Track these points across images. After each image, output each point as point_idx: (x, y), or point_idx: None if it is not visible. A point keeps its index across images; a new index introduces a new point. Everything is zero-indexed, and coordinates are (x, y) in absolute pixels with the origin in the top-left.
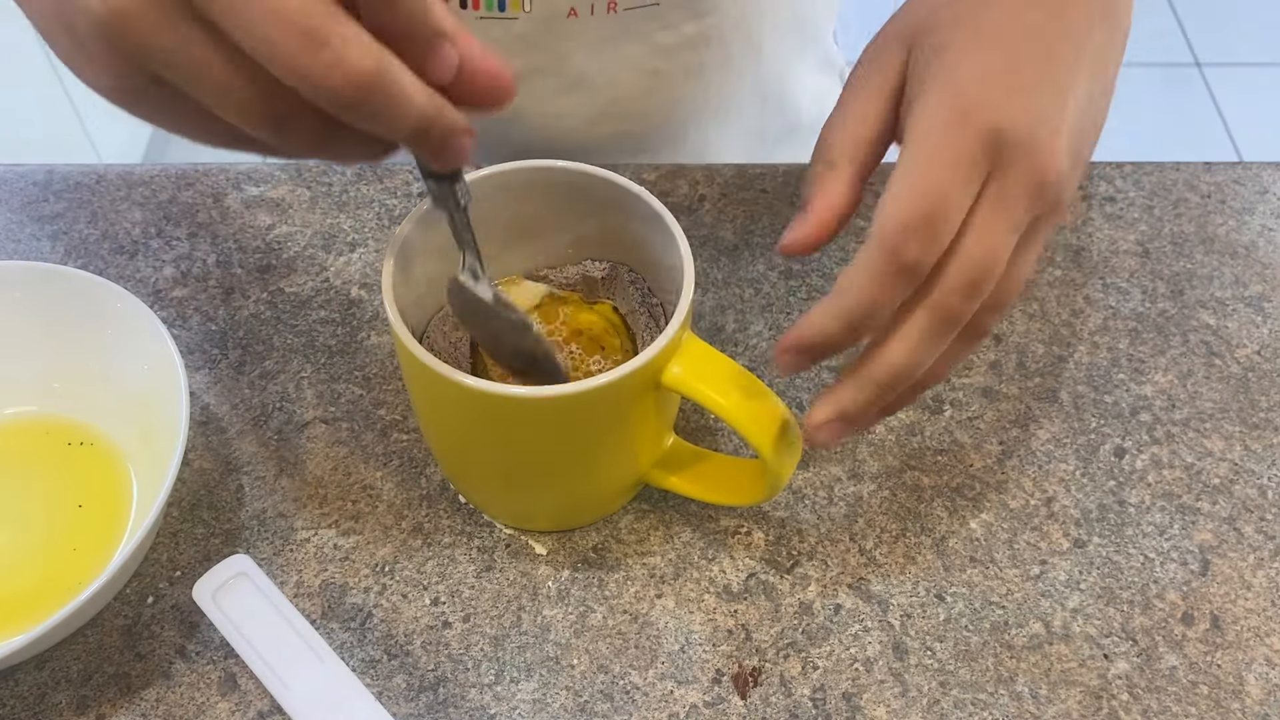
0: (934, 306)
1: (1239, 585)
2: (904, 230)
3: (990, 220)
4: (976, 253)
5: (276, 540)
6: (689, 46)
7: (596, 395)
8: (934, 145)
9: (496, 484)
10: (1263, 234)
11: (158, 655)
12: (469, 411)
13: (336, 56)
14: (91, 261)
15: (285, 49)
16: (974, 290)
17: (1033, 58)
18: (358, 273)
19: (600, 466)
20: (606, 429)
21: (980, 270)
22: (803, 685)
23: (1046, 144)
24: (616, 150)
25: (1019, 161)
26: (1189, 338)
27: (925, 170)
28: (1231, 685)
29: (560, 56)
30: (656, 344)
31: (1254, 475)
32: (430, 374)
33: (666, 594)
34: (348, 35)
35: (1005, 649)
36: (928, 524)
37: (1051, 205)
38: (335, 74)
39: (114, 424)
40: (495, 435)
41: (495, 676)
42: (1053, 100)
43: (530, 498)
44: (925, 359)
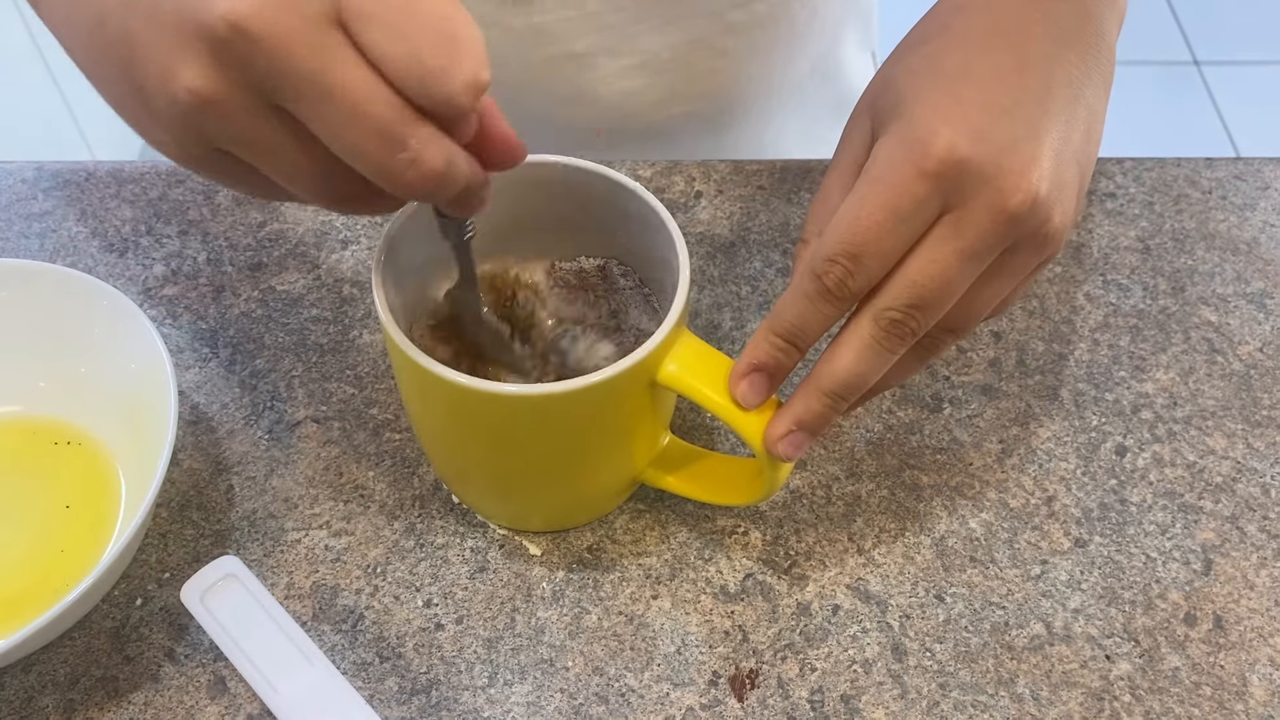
0: (874, 318)
1: (1242, 585)
2: (826, 260)
3: (939, 247)
4: (920, 276)
5: (267, 541)
6: (758, 24)
7: (590, 393)
8: (876, 181)
9: (490, 484)
10: (1264, 230)
11: (146, 658)
12: (461, 409)
13: (414, 157)
14: (80, 259)
15: (366, 149)
16: (917, 309)
17: (995, 92)
18: (350, 270)
19: (595, 465)
20: (601, 427)
21: (922, 291)
22: (801, 687)
23: (1014, 171)
24: (681, 131)
25: (979, 191)
26: (1190, 335)
27: (859, 205)
28: (1235, 686)
29: (631, 36)
30: (651, 341)
31: (1256, 473)
32: (422, 371)
33: (663, 595)
34: (423, 136)
35: (1006, 650)
36: (927, 523)
37: (1029, 234)
38: (412, 172)
39: (102, 423)
40: (488, 434)
41: (489, 679)
42: (1023, 129)
43: (524, 498)
44: (871, 369)
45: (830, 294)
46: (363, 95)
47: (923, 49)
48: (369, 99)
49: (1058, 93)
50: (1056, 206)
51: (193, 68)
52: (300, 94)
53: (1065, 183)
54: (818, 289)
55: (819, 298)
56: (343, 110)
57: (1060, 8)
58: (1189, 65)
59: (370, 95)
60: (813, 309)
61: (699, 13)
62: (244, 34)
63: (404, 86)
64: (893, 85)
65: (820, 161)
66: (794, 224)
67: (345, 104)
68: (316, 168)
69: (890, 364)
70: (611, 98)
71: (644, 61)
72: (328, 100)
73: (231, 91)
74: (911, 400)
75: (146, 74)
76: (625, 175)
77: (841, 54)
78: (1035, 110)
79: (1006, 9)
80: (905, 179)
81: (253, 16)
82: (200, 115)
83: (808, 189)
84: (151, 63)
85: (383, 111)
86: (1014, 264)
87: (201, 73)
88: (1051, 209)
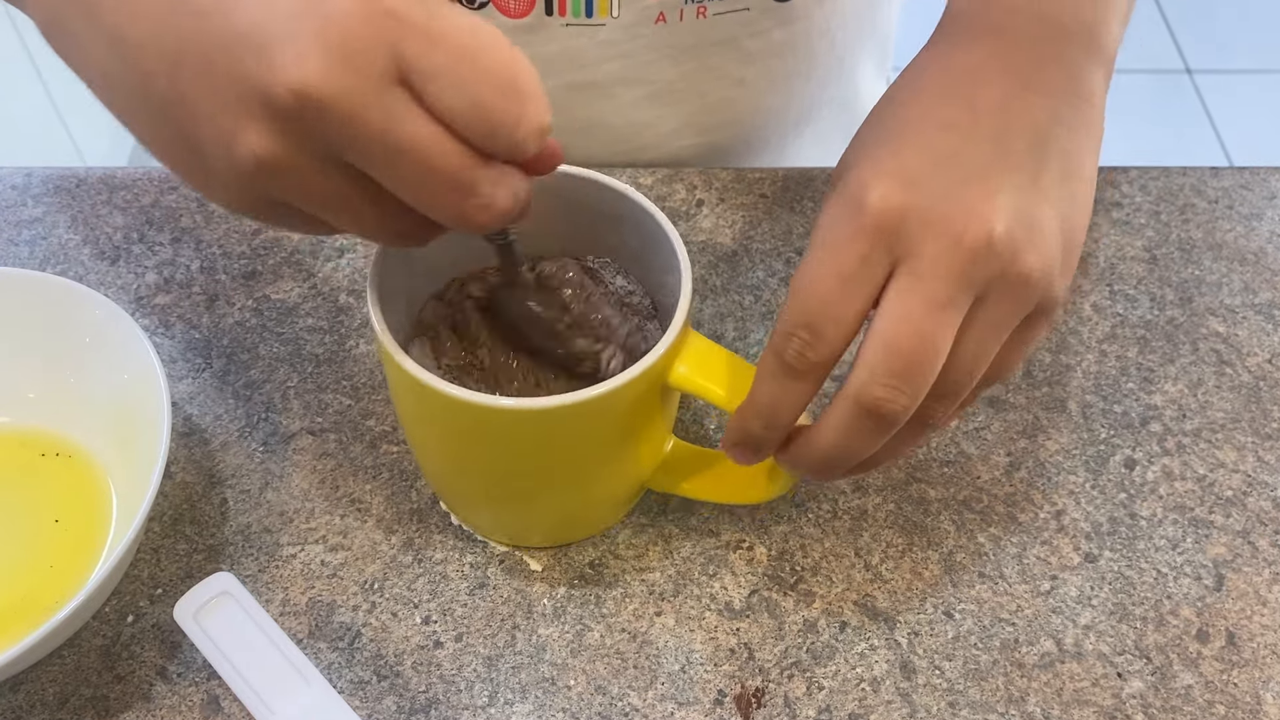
0: (855, 398)
1: (1254, 601)
2: (783, 335)
3: (901, 301)
4: (892, 337)
5: (262, 556)
6: (775, 53)
7: (599, 403)
8: (818, 247)
9: (492, 501)
10: (1271, 240)
11: (137, 677)
12: (461, 426)
13: (486, 200)
14: (71, 267)
15: (438, 200)
16: (896, 376)
17: (940, 141)
18: (346, 279)
19: (601, 476)
20: (608, 437)
21: (901, 356)
22: (808, 706)
23: (963, 210)
24: (697, 162)
25: (929, 235)
26: (1199, 346)
27: (806, 273)
28: (1249, 705)
29: (646, 64)
30: (661, 345)
31: (1267, 487)
32: (420, 387)
33: (666, 611)
34: (492, 178)
35: (1016, 668)
36: (934, 538)
37: (998, 276)
38: (483, 215)
39: (92, 435)
40: (491, 450)
41: (489, 698)
42: (972, 170)
43: (527, 513)
44: (857, 447)
45: (793, 370)
46: (432, 150)
47: (876, 116)
48: (438, 153)
49: (1017, 134)
50: (1028, 246)
51: (254, 132)
52: (369, 153)
53: (1036, 222)
54: (780, 366)
55: (784, 375)
56: (413, 167)
57: (1019, 56)
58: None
59: (439, 149)
60: (781, 387)
61: (714, 41)
62: (309, 101)
63: (471, 137)
64: (847, 152)
65: (823, 170)
66: (797, 232)
67: (415, 160)
68: (381, 214)
69: (878, 439)
70: (626, 128)
71: (659, 91)
72: (397, 158)
73: (296, 154)
74: None
75: (203, 136)
76: (621, 181)
77: (859, 82)
78: (988, 151)
79: (964, 63)
80: (843, 239)
81: (317, 83)
82: (264, 176)
83: (810, 197)
84: (209, 126)
85: (452, 162)
86: (993, 315)
87: (264, 136)
88: (1019, 248)
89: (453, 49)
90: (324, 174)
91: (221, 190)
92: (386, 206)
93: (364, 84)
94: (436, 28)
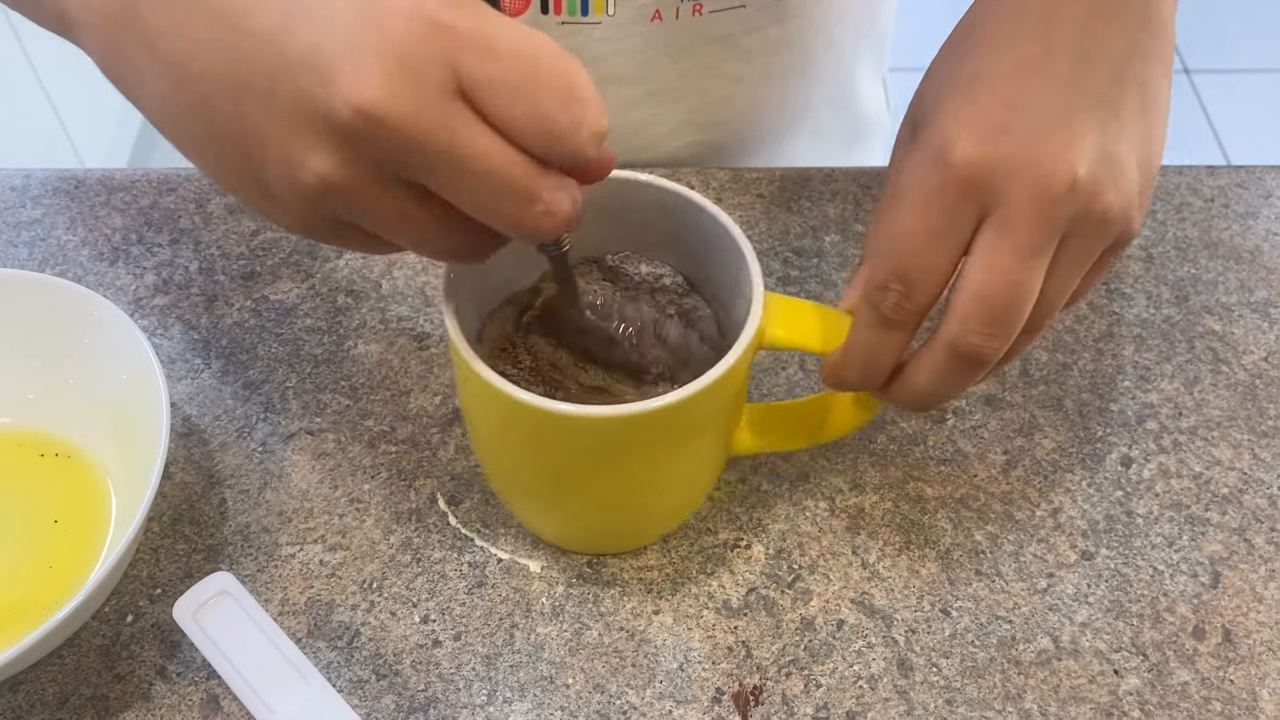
0: (951, 345)
1: (1250, 598)
2: (879, 288)
3: (992, 252)
4: (985, 288)
5: (261, 556)
6: (771, 51)
7: (721, 384)
8: (906, 198)
9: (588, 511)
10: (1267, 238)
11: (137, 676)
12: (564, 440)
13: (548, 207)
14: (70, 268)
15: (502, 210)
16: (990, 323)
17: (1018, 85)
18: (344, 280)
19: (696, 468)
20: (708, 424)
21: (994, 305)
22: (805, 704)
23: (1047, 156)
24: (694, 162)
25: (1015, 184)
26: (1195, 344)
27: (895, 225)
28: (1245, 701)
29: (643, 63)
30: (753, 314)
31: (1264, 485)
32: (511, 402)
33: (664, 610)
34: (552, 186)
35: (1013, 665)
36: (932, 536)
37: (1080, 216)
38: (546, 222)
39: (91, 436)
40: (591, 460)
41: (488, 697)
42: (1052, 115)
43: (621, 514)
44: (951, 387)
45: (890, 321)
46: (495, 161)
47: (951, 55)
48: (501, 163)
49: (1096, 70)
50: (1109, 184)
51: (318, 154)
52: (432, 168)
53: (1116, 159)
54: (877, 317)
55: (881, 326)
56: (476, 178)
57: None
58: (1179, 73)
59: (501, 159)
60: (878, 337)
61: (711, 38)
62: (372, 120)
63: (531, 145)
64: (922, 99)
65: (820, 170)
66: (793, 232)
67: (478, 172)
68: (443, 230)
69: (970, 378)
70: (623, 127)
71: (656, 89)
72: (461, 171)
73: (360, 173)
74: None
75: (266, 161)
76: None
77: (856, 82)
78: (1068, 92)
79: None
80: (932, 193)
81: (380, 101)
82: (327, 198)
83: (807, 197)
84: (272, 150)
85: (514, 171)
86: (1074, 252)
87: (327, 158)
88: (1101, 186)
89: (509, 59)
90: (387, 192)
91: (285, 213)
92: (449, 221)
93: (425, 99)
94: (491, 38)
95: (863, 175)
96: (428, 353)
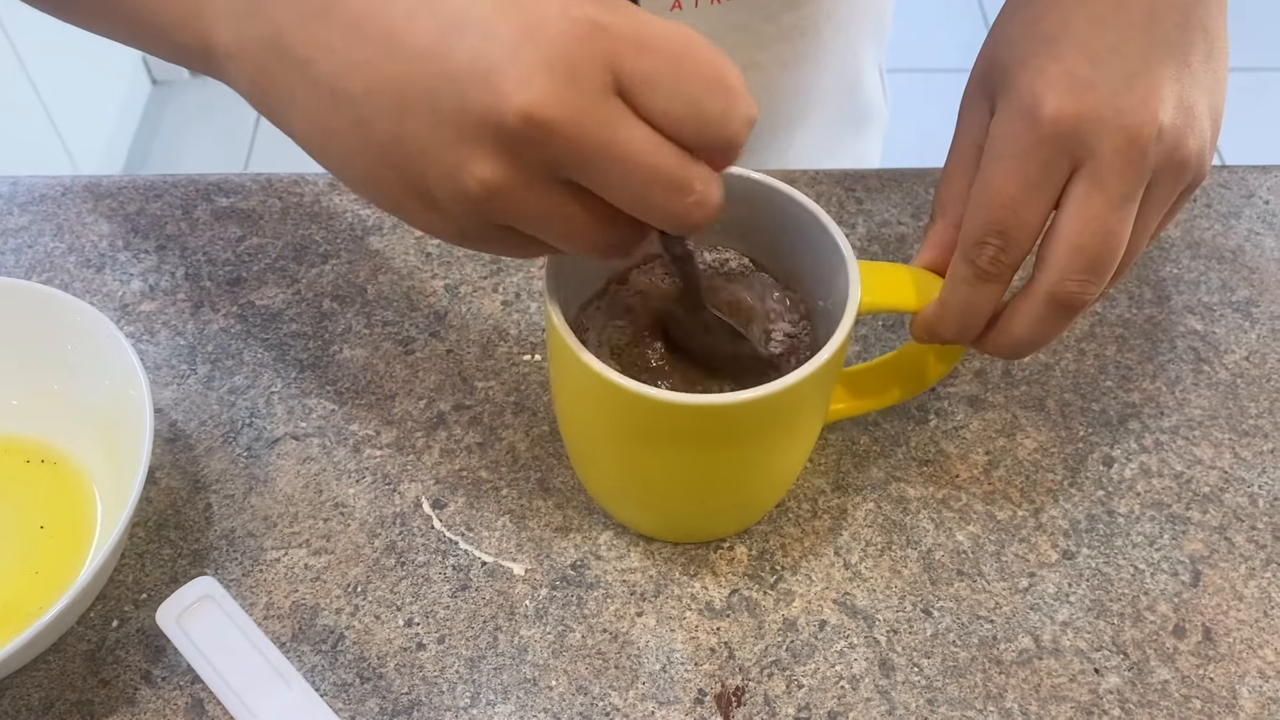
0: (1049, 294)
1: (1230, 596)
2: (976, 243)
3: (1086, 204)
4: (1081, 239)
5: (246, 560)
6: (785, 38)
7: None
8: (999, 156)
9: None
10: (1249, 238)
11: (122, 681)
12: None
13: (700, 197)
14: (57, 275)
15: (657, 202)
16: (1088, 271)
17: (1095, 39)
18: (330, 284)
19: (805, 444)
20: (814, 406)
21: (1090, 254)
22: (787, 704)
23: (1133, 107)
24: None
25: (1105, 136)
26: (1176, 344)
27: (991, 184)
28: (1225, 699)
29: None
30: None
31: (1244, 483)
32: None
33: (647, 612)
34: (703, 176)
35: (994, 664)
36: (914, 536)
37: (1164, 162)
38: (699, 212)
39: (77, 442)
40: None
41: (471, 699)
42: (1133, 65)
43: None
44: (1049, 333)
45: (988, 274)
46: (652, 154)
47: (1020, 16)
48: (658, 156)
49: (1165, 21)
50: (1187, 131)
51: (483, 160)
52: (591, 166)
53: (1191, 106)
54: (975, 272)
55: (978, 280)
56: (634, 173)
57: None
58: None
59: (658, 152)
60: (975, 291)
61: (729, 25)
62: (537, 123)
63: (685, 136)
64: (997, 60)
65: (804, 172)
66: None
67: (636, 166)
68: (596, 226)
69: (1065, 324)
70: None
71: None
72: (619, 167)
73: (522, 176)
74: (897, 412)
75: (429, 173)
76: None
77: (861, 69)
78: (1142, 43)
79: None
80: (1026, 150)
81: (545, 104)
82: (489, 203)
83: None
84: (436, 161)
85: (670, 163)
86: (1157, 196)
87: (492, 164)
88: (1181, 134)
89: (662, 53)
90: (546, 192)
91: (444, 222)
92: (601, 217)
93: (587, 100)
94: (644, 34)
95: (846, 177)
96: (413, 357)
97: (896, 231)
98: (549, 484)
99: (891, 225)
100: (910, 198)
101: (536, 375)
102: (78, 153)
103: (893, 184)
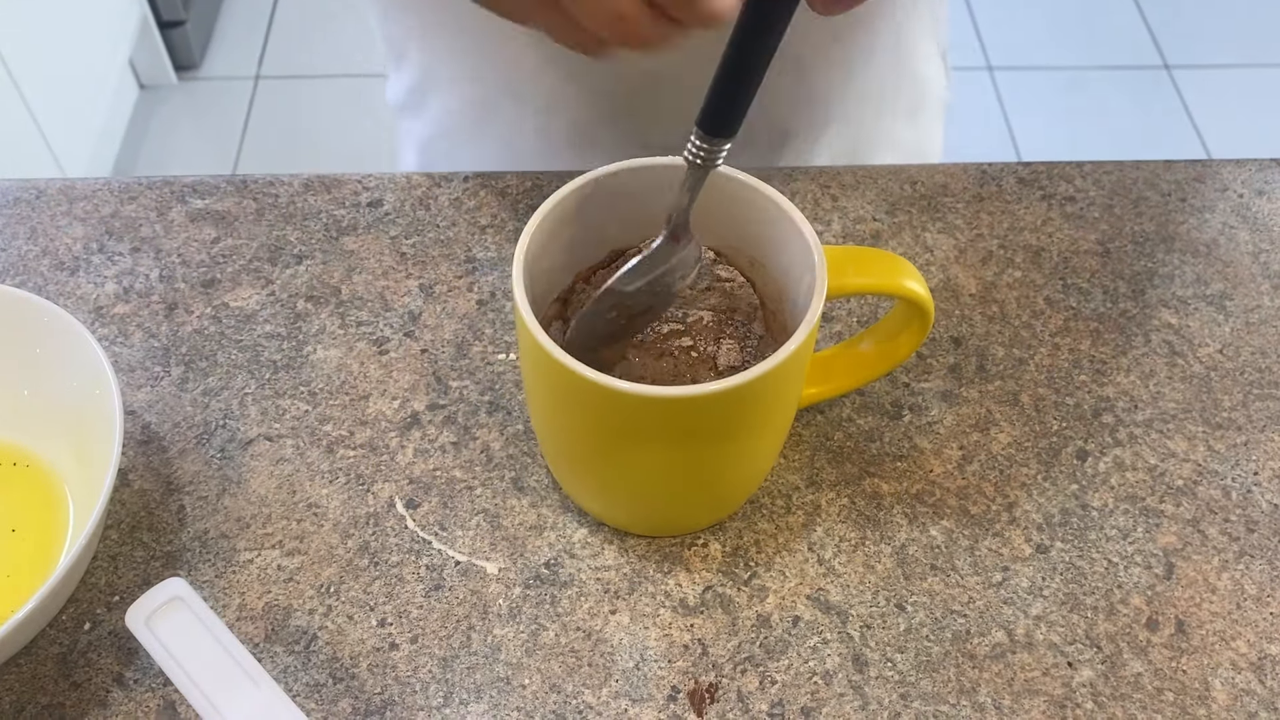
0: None
1: (1204, 589)
2: None
3: None
4: None
5: (219, 562)
6: (835, 39)
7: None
8: None
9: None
10: (1224, 231)
11: (94, 684)
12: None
13: None
14: (30, 278)
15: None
16: None
17: None
18: (304, 285)
19: (780, 431)
20: (788, 390)
21: None
22: (761, 700)
23: None
24: (764, 145)
25: None
26: (1151, 338)
27: None
28: (1198, 691)
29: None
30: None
31: (1218, 476)
32: (595, 387)
33: (621, 609)
34: None
35: (967, 659)
36: (887, 532)
37: None
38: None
39: (48, 444)
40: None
41: (444, 699)
42: None
43: (700, 490)
44: None
45: None
46: None
47: None
48: None
49: None
50: None
51: None
52: None
53: None
54: None
55: None
56: None
57: None
58: (1159, 69)
59: None
60: None
61: None
62: None
63: None
64: None
65: (780, 169)
66: None
67: None
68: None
69: None
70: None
71: None
72: None
73: None
74: (871, 407)
75: None
76: None
77: (919, 57)
78: None
79: None
80: None
81: None
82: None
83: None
84: None
85: None
86: None
87: None
88: None
89: None
90: None
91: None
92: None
93: None
94: None
95: (822, 174)
96: (386, 357)
97: (871, 228)
98: (523, 483)
99: (866, 221)
100: (884, 195)
101: (511, 374)
102: (64, 158)
103: (867, 180)
